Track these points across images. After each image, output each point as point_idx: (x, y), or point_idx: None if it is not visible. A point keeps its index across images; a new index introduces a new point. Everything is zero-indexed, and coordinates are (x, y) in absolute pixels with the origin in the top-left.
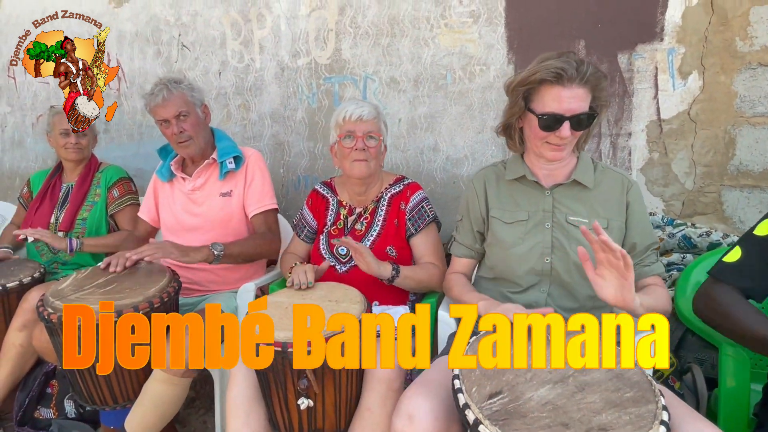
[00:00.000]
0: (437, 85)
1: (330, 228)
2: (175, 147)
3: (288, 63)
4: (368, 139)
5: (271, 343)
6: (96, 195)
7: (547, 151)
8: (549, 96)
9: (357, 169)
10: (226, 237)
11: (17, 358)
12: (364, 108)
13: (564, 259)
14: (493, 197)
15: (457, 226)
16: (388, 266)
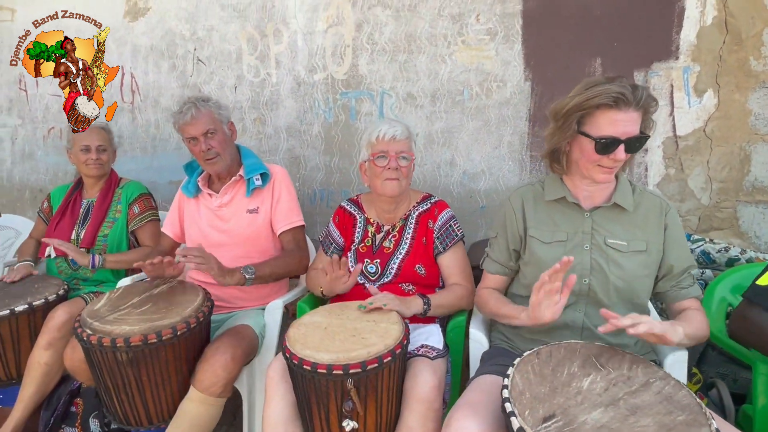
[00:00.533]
0: (454, 101)
1: (358, 245)
2: (203, 164)
3: (304, 78)
4: (400, 159)
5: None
6: (117, 211)
7: (598, 174)
8: (605, 120)
9: (389, 188)
10: (252, 253)
11: (42, 377)
12: (397, 128)
13: (602, 280)
14: (531, 216)
15: (491, 242)
16: (419, 302)
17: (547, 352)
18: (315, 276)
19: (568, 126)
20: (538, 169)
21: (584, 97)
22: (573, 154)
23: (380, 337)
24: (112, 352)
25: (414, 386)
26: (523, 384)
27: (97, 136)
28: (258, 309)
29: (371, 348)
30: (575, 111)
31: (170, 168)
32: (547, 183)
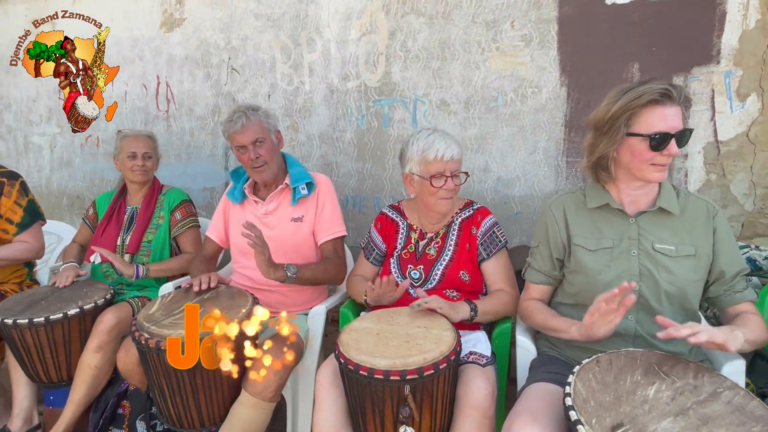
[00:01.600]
0: (488, 107)
1: (401, 251)
2: (250, 172)
3: (337, 86)
4: (455, 178)
5: (372, 369)
6: (160, 217)
7: (652, 173)
8: (654, 116)
9: (443, 207)
10: (295, 261)
11: (92, 379)
12: (454, 148)
13: (653, 286)
14: (574, 224)
15: (533, 252)
16: (466, 308)
17: (607, 360)
18: (357, 283)
19: (615, 130)
20: (574, 175)
21: (630, 97)
22: (622, 159)
23: (434, 343)
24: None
25: (468, 393)
26: (586, 392)
27: (144, 144)
28: (301, 314)
29: (427, 354)
30: (622, 113)
31: (204, 175)
32: (588, 190)
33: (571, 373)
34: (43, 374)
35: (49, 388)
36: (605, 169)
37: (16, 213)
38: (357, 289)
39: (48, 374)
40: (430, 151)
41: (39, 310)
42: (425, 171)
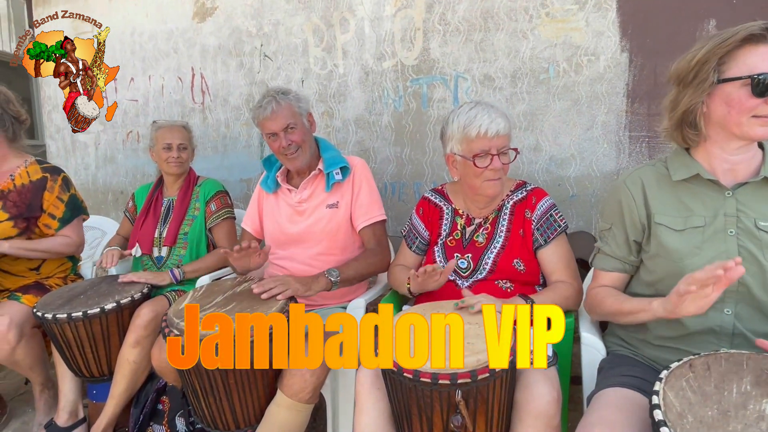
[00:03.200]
0: (538, 80)
1: (446, 239)
2: (283, 159)
3: (372, 66)
4: (503, 156)
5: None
6: (195, 209)
7: (754, 127)
8: (754, 56)
9: (491, 189)
10: (333, 249)
11: (131, 374)
12: (499, 122)
13: (758, 272)
14: (655, 201)
15: (604, 235)
16: (521, 302)
17: (703, 364)
18: (399, 273)
19: (703, 78)
20: (638, 152)
21: (721, 38)
22: (715, 114)
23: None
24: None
25: (529, 399)
26: (680, 404)
27: (179, 134)
28: (338, 307)
29: (481, 355)
30: (712, 56)
31: (240, 166)
32: (672, 160)
33: (658, 380)
34: (85, 368)
35: (91, 382)
36: (692, 125)
37: (58, 208)
38: (398, 278)
39: (89, 368)
40: (472, 127)
41: (77, 304)
42: (467, 150)
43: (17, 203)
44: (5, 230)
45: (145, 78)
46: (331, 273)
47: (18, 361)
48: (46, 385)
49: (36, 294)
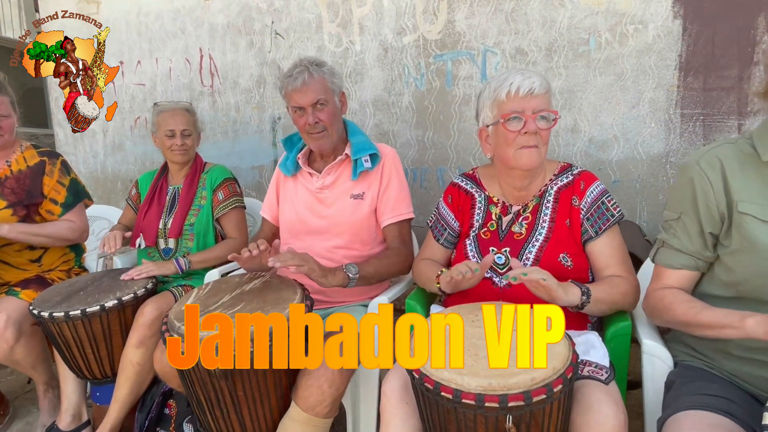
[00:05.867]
0: (576, 53)
1: (479, 230)
2: (307, 138)
3: (392, 42)
4: (539, 120)
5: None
6: (202, 198)
7: None
8: None
9: (526, 158)
10: (355, 244)
11: (135, 376)
12: (534, 80)
13: None
14: (738, 186)
15: (671, 226)
16: (576, 290)
17: None
18: (426, 268)
19: None
20: (692, 132)
21: None
22: None
23: None
24: None
25: (591, 424)
26: None
27: (182, 119)
28: (359, 305)
29: (535, 372)
30: None
31: (252, 152)
32: (759, 137)
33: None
34: (86, 370)
35: (94, 384)
36: None
37: (60, 193)
38: (425, 274)
39: (91, 370)
40: (503, 87)
41: (76, 301)
42: (498, 114)
43: (15, 190)
44: (4, 219)
45: (152, 60)
46: (350, 268)
47: (18, 361)
48: (50, 384)
49: (36, 289)
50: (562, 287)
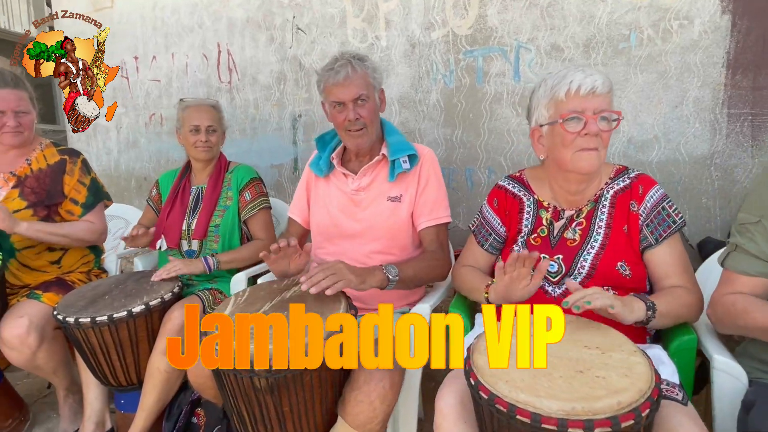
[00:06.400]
0: (616, 50)
1: (528, 236)
2: (345, 136)
3: (420, 38)
4: (600, 121)
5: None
6: (228, 198)
7: None
8: None
9: (585, 161)
10: (392, 249)
11: (163, 384)
12: (596, 78)
13: None
14: None
15: (747, 230)
16: (641, 305)
17: None
18: (469, 276)
19: None
20: (739, 132)
21: None
22: None
23: (625, 375)
24: (249, 377)
25: None
26: None
27: (208, 115)
28: (399, 312)
29: (622, 395)
30: None
31: (270, 150)
32: None
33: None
34: (111, 377)
35: (118, 391)
36: None
37: (80, 192)
38: (470, 283)
39: (116, 377)
40: (561, 85)
41: (102, 306)
42: (556, 114)
43: (36, 189)
44: (24, 219)
45: (168, 56)
46: (390, 269)
47: (40, 366)
48: (70, 389)
49: (57, 292)
50: (627, 306)
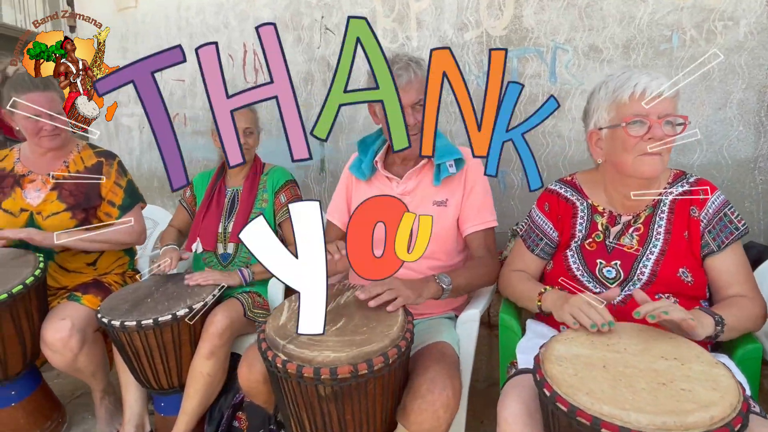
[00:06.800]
0: (657, 51)
1: (583, 242)
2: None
3: (452, 38)
4: (665, 125)
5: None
6: (263, 201)
7: None
8: None
9: (647, 166)
10: (438, 254)
11: (205, 388)
12: (662, 81)
13: None
14: None
15: None
16: (709, 320)
17: None
18: (519, 282)
19: None
20: None
21: None
22: None
23: (711, 389)
24: (314, 385)
25: None
26: None
27: (244, 117)
28: (445, 318)
29: (712, 409)
30: None
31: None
32: None
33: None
34: (154, 380)
35: (159, 394)
36: None
37: (117, 194)
38: (521, 290)
39: (158, 380)
40: (625, 87)
41: (146, 310)
42: (618, 117)
43: (74, 192)
44: (63, 222)
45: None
46: (442, 279)
47: (80, 369)
48: (106, 391)
49: (96, 294)
50: (699, 322)
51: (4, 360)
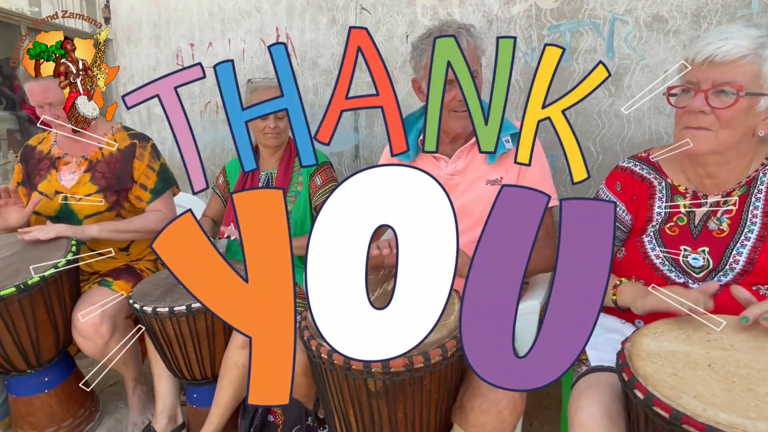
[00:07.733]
0: (732, 18)
1: (662, 225)
2: (449, 117)
3: (498, 13)
4: (714, 95)
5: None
6: (298, 183)
7: None
8: None
9: (692, 141)
10: None
11: (239, 380)
12: (726, 42)
13: None
14: None
15: None
16: None
17: None
18: None
19: None
20: None
21: None
22: None
23: None
24: (363, 379)
25: None
26: None
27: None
28: None
29: None
30: None
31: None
32: None
33: None
34: (186, 370)
35: (191, 385)
36: None
37: (150, 178)
38: None
39: (191, 370)
40: (691, 50)
41: (179, 296)
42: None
43: (106, 174)
44: (95, 205)
45: (225, 42)
46: None
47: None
48: (138, 380)
49: (127, 280)
50: None
51: (37, 345)
